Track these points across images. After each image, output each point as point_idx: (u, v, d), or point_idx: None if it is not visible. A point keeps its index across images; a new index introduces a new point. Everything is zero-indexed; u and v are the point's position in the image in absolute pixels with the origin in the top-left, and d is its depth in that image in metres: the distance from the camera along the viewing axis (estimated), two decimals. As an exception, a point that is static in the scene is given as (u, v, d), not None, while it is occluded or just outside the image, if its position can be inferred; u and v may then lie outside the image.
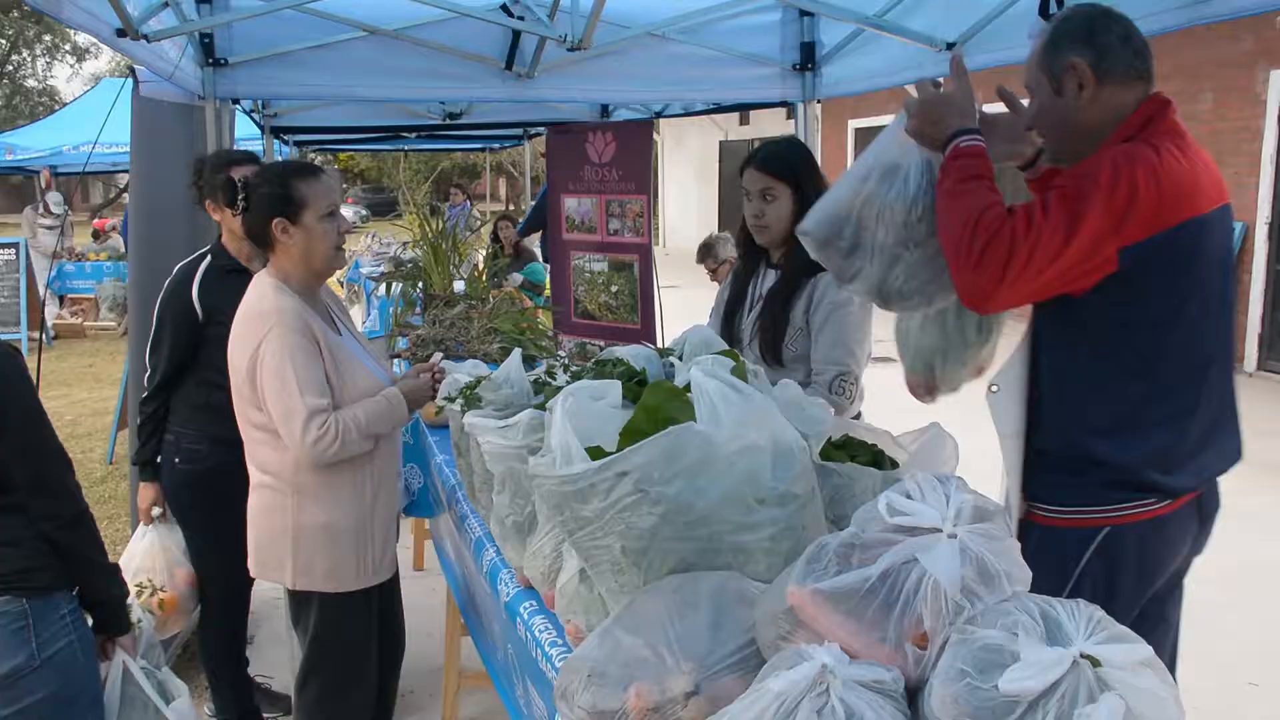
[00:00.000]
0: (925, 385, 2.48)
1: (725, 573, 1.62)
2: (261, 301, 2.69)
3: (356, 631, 2.90)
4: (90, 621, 2.40)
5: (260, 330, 2.64)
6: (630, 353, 2.21)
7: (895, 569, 1.40)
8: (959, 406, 2.66)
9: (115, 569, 2.39)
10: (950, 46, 3.72)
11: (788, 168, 2.89)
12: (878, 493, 1.91)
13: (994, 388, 2.16)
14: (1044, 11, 3.00)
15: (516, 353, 2.35)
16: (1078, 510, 2.09)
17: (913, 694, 1.36)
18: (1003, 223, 1.89)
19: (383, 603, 3.01)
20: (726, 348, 2.20)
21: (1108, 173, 1.91)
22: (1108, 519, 2.08)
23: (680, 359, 2.19)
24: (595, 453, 1.64)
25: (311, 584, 2.78)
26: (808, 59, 4.68)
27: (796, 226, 2.26)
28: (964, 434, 2.09)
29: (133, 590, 3.04)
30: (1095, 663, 1.24)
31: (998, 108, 2.40)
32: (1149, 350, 2.04)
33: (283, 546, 2.76)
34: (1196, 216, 1.99)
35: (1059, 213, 1.90)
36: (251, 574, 2.93)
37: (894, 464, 2.07)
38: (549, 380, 2.31)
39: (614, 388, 1.86)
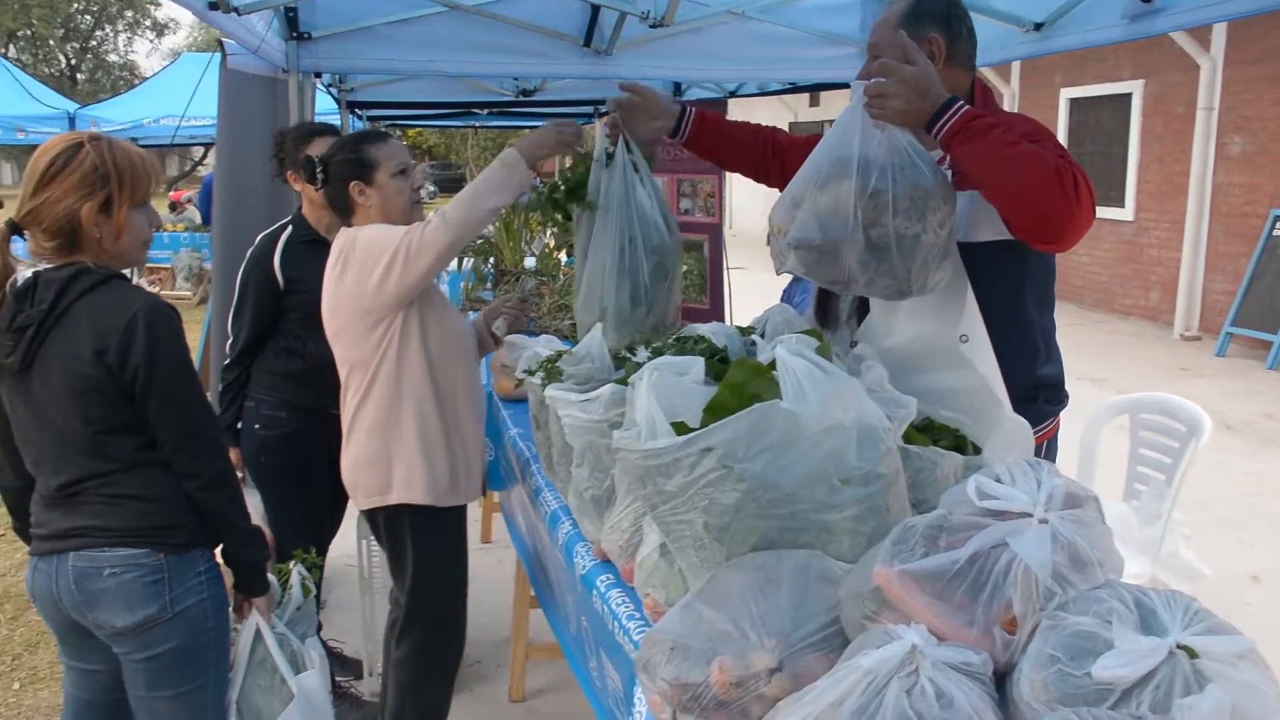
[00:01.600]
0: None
1: (808, 551, 1.62)
2: (339, 238, 2.85)
3: (453, 546, 3.00)
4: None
5: (348, 238, 2.78)
6: (712, 330, 2.21)
7: (984, 552, 1.39)
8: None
9: (256, 532, 2.42)
10: (1038, 27, 3.65)
11: None
12: (959, 477, 1.91)
13: (964, 338, 2.22)
14: (1139, -9, 2.94)
15: (598, 327, 2.35)
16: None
17: (1000, 678, 1.35)
18: (1074, 166, 1.99)
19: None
20: (809, 327, 2.19)
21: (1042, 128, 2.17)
22: (1046, 433, 2.40)
23: (762, 337, 2.19)
24: (679, 428, 1.64)
25: (412, 497, 2.87)
26: (888, 38, 4.62)
27: (789, 239, 2.17)
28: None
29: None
30: (1192, 653, 1.22)
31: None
32: (1054, 282, 2.41)
33: (386, 461, 2.85)
34: None
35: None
36: (355, 502, 3.00)
37: (976, 449, 2.05)
38: (629, 356, 2.31)
39: (697, 364, 1.85)
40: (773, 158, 2.73)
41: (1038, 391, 2.37)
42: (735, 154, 2.78)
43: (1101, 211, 12.71)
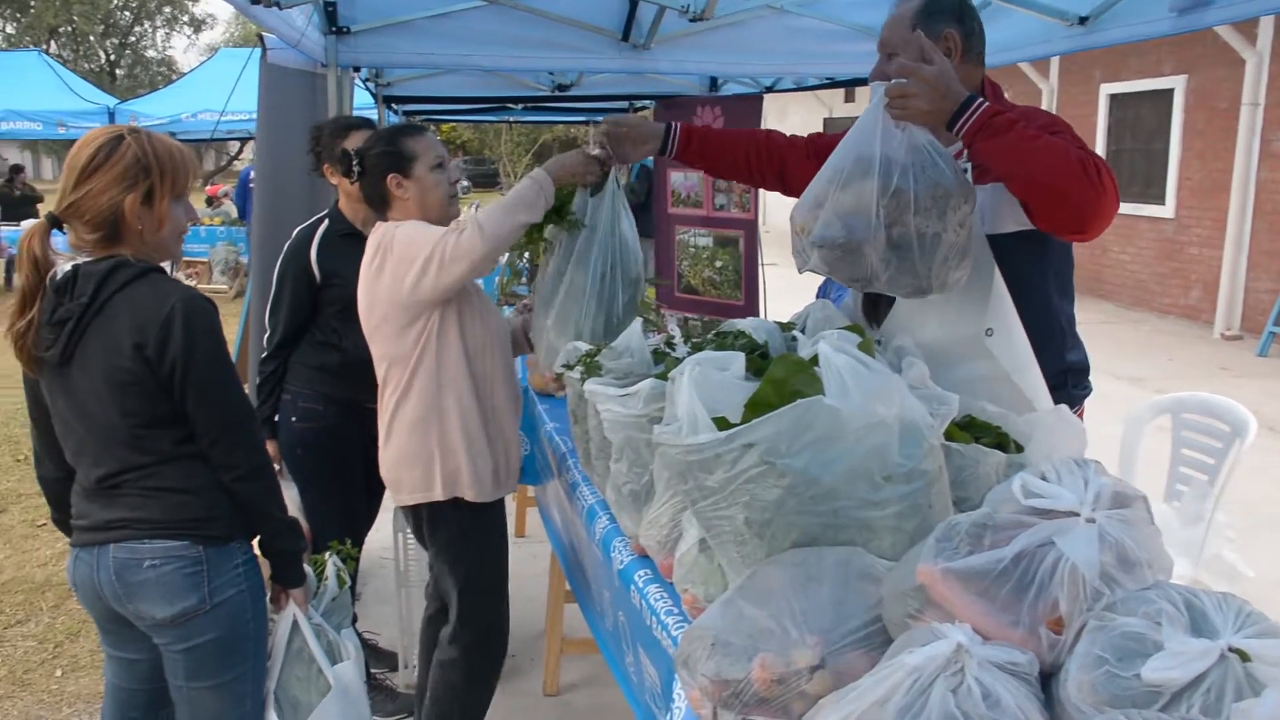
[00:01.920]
0: (559, 382, 2.83)
1: (849, 548, 1.60)
2: (373, 234, 2.84)
3: (498, 540, 3.03)
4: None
5: (385, 234, 2.76)
6: (752, 325, 2.20)
7: (1030, 551, 1.37)
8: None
9: (293, 523, 2.43)
10: (1083, 21, 3.60)
11: None
12: (1001, 475, 1.89)
13: (990, 331, 2.27)
14: (1187, -16, 2.89)
15: (637, 322, 2.35)
16: None
17: (1046, 679, 1.34)
18: (1094, 155, 2.02)
19: None
20: (849, 323, 2.17)
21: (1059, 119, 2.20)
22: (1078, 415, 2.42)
23: (802, 332, 2.17)
24: (721, 423, 1.63)
25: (457, 492, 2.87)
26: (928, 33, 4.58)
27: (812, 238, 2.21)
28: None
29: None
30: (1245, 657, 1.20)
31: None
32: (1073, 270, 2.46)
33: (429, 457, 2.85)
34: None
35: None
36: (397, 499, 2.97)
37: (1019, 447, 2.02)
38: (668, 351, 2.31)
39: (738, 359, 1.84)
40: (769, 162, 2.75)
41: (1067, 377, 2.41)
42: (726, 161, 2.83)
43: (1141, 209, 12.65)
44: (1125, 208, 13.08)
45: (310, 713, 2.42)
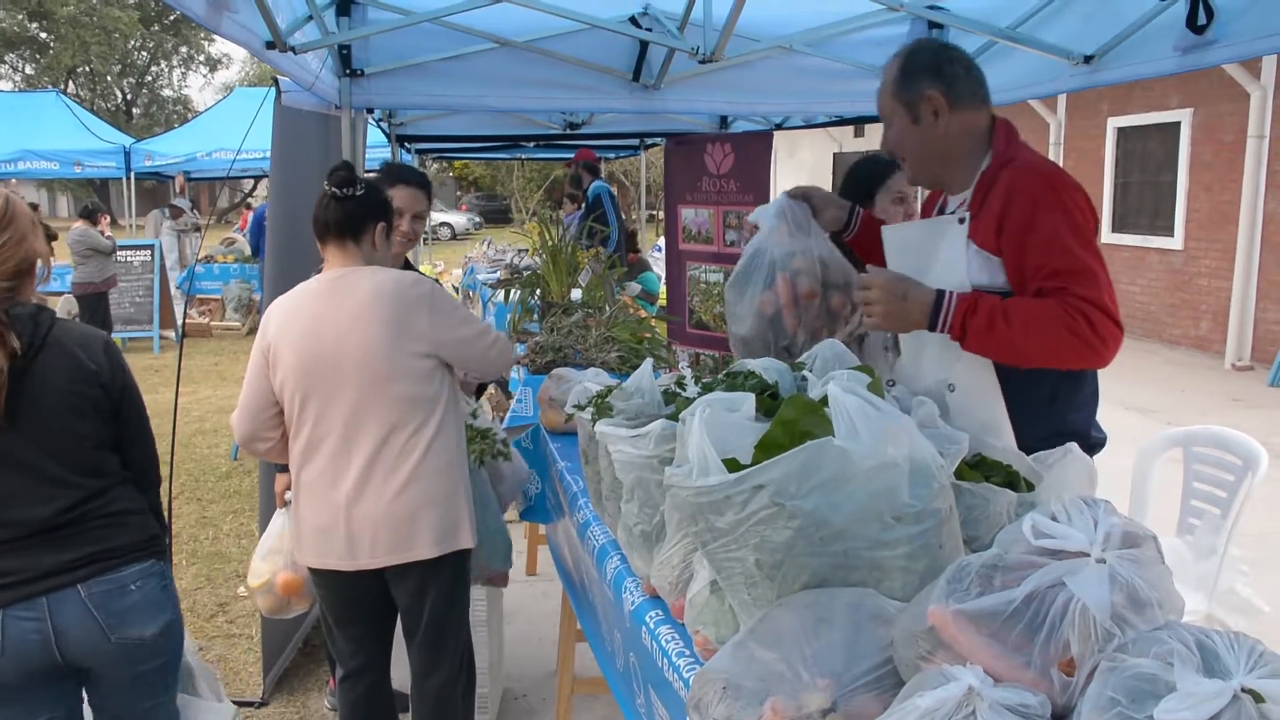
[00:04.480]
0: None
1: (860, 589, 1.61)
2: (402, 275, 2.84)
3: None
4: None
5: (420, 282, 2.84)
6: (762, 365, 2.20)
7: (1041, 592, 1.37)
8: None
9: None
10: (1088, 60, 3.63)
11: None
12: (1012, 514, 1.89)
13: (951, 387, 2.30)
14: (1191, 23, 2.91)
15: (648, 363, 2.36)
16: None
17: (1058, 721, 1.34)
18: (1080, 303, 2.08)
19: None
20: (859, 363, 2.18)
21: (1068, 197, 2.16)
22: None
23: (811, 373, 2.18)
24: (731, 465, 1.64)
25: (474, 535, 3.00)
26: (935, 71, 4.61)
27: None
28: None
29: (255, 582, 3.23)
30: (1258, 698, 1.19)
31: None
32: None
33: (455, 501, 2.90)
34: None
35: (1084, 253, 2.13)
36: (431, 554, 2.86)
37: (1030, 486, 2.03)
38: (679, 391, 2.32)
39: (748, 400, 1.85)
40: None
41: (1067, 442, 2.27)
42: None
43: (1150, 240, 12.66)
44: (1134, 239, 13.10)
45: None
